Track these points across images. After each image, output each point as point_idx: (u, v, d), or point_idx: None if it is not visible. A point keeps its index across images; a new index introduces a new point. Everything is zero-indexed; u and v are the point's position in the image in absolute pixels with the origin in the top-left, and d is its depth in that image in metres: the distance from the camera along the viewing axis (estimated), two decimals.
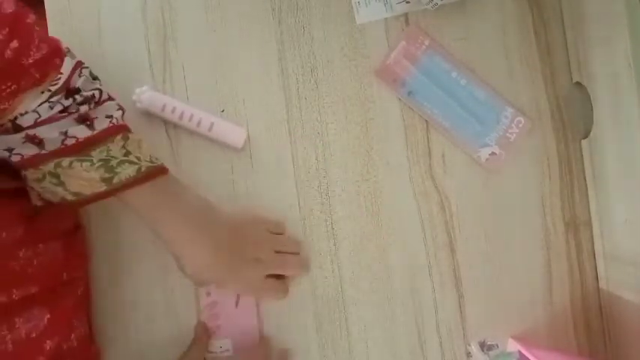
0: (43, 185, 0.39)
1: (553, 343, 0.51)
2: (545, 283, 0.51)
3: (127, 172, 0.39)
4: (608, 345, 0.51)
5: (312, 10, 0.52)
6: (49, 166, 0.38)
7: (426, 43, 0.51)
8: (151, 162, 0.41)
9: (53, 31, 0.52)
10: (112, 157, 0.39)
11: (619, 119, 0.45)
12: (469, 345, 0.51)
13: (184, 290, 0.51)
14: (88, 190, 0.39)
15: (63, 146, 0.38)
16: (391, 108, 0.52)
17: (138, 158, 0.40)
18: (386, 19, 0.52)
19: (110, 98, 0.42)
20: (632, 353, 0.47)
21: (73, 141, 0.38)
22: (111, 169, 0.39)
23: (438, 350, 0.51)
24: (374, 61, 0.52)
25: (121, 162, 0.39)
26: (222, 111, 0.51)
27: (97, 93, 0.41)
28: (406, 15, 0.52)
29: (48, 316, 0.40)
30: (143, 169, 0.40)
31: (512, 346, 0.50)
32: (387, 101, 0.52)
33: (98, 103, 0.41)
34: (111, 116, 0.40)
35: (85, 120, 0.39)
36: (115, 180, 0.39)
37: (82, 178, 0.38)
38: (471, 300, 0.51)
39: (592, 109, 0.49)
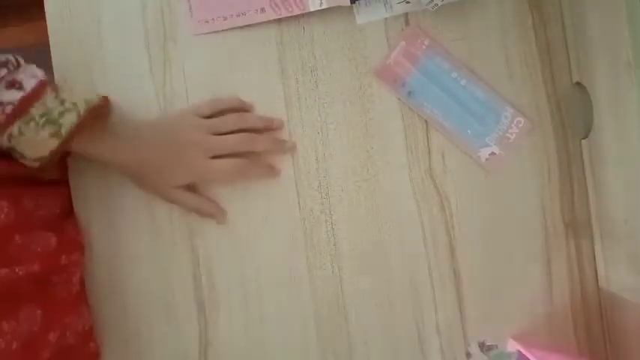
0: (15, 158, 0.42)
1: (553, 343, 0.51)
2: (545, 283, 0.51)
3: (70, 119, 0.42)
4: (608, 345, 0.51)
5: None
6: (4, 141, 0.41)
7: (426, 43, 0.51)
8: (87, 103, 0.43)
9: (53, 32, 0.52)
10: (51, 109, 0.42)
11: (619, 119, 0.45)
12: (469, 345, 0.51)
13: (184, 290, 0.51)
14: (45, 152, 0.42)
15: (5, 115, 0.41)
16: (391, 108, 0.52)
17: (74, 104, 0.43)
18: (386, 19, 0.52)
19: (25, 63, 0.45)
20: (632, 353, 0.47)
21: (11, 107, 0.41)
22: (55, 122, 0.42)
23: (438, 350, 0.51)
24: (374, 61, 0.52)
25: (61, 113, 0.42)
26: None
27: (10, 57, 0.43)
28: (406, 15, 0.52)
29: (39, 311, 0.42)
30: (82, 112, 0.43)
31: (512, 346, 0.50)
32: (387, 101, 0.52)
33: (17, 66, 0.43)
34: (35, 75, 0.43)
35: (13, 85, 0.42)
36: (63, 131, 0.42)
37: (35, 142, 0.41)
38: (471, 300, 0.51)
39: (592, 109, 0.49)
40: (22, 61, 0.44)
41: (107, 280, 0.51)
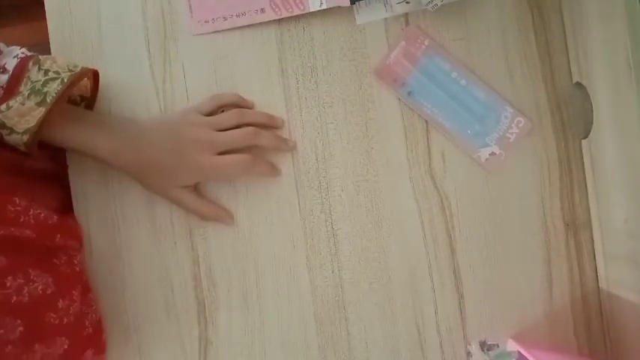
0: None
1: (553, 343, 0.51)
2: (545, 283, 0.51)
3: (54, 87, 0.43)
4: (608, 345, 0.51)
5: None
6: None
7: (426, 43, 0.51)
8: (70, 71, 0.44)
9: (53, 31, 0.52)
10: (36, 81, 0.42)
11: (619, 119, 0.45)
12: (469, 345, 0.51)
13: (184, 290, 0.51)
14: (32, 122, 0.42)
15: None
16: (391, 108, 0.52)
17: (57, 72, 0.43)
18: (386, 19, 0.52)
19: (7, 47, 0.46)
20: (632, 353, 0.47)
21: (1, 91, 0.42)
22: (40, 92, 0.42)
23: (438, 350, 0.51)
24: (374, 61, 0.52)
25: (45, 82, 0.42)
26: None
27: None
28: (406, 15, 0.52)
29: (50, 279, 0.43)
30: (66, 79, 0.43)
31: (512, 346, 0.50)
32: (387, 101, 0.52)
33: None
34: (16, 55, 0.44)
35: None
36: (48, 99, 0.42)
37: (22, 113, 0.42)
38: (471, 300, 0.51)
39: (592, 109, 0.49)
40: (3, 47, 0.45)
41: (107, 279, 0.51)
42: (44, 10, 0.52)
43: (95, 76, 0.49)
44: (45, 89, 0.42)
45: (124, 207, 0.51)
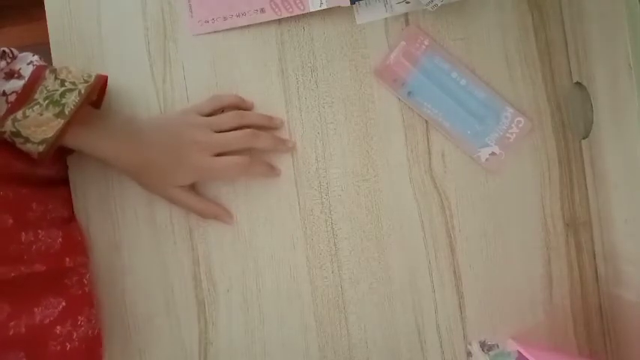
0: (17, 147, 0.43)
1: (553, 343, 0.51)
2: (545, 283, 0.51)
3: (72, 98, 0.43)
4: (608, 345, 0.51)
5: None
6: (9, 126, 0.42)
7: (426, 43, 0.51)
8: (86, 81, 0.44)
9: (53, 31, 0.52)
10: (53, 91, 0.43)
11: (619, 119, 0.45)
12: (469, 344, 0.51)
13: (184, 290, 0.51)
14: (50, 133, 0.42)
15: (9, 104, 0.42)
16: (391, 108, 0.52)
17: (73, 83, 0.44)
18: (386, 19, 0.52)
19: (19, 53, 0.46)
20: (632, 353, 0.47)
21: (15, 96, 0.42)
22: (58, 103, 0.42)
23: (438, 350, 0.51)
24: (374, 61, 0.52)
25: (62, 93, 0.43)
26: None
27: (6, 50, 0.44)
28: (406, 15, 0.52)
29: (63, 304, 0.43)
30: (83, 90, 0.44)
31: (512, 346, 0.50)
32: (387, 101, 0.52)
33: (13, 57, 0.44)
34: (31, 62, 0.44)
35: (12, 75, 0.43)
36: (67, 110, 0.42)
37: (39, 124, 0.42)
38: (471, 300, 0.51)
39: (592, 109, 0.49)
40: (16, 52, 0.45)
41: (107, 279, 0.51)
42: (44, 10, 0.52)
43: (104, 80, 0.49)
44: (63, 100, 0.42)
45: (124, 207, 0.51)
